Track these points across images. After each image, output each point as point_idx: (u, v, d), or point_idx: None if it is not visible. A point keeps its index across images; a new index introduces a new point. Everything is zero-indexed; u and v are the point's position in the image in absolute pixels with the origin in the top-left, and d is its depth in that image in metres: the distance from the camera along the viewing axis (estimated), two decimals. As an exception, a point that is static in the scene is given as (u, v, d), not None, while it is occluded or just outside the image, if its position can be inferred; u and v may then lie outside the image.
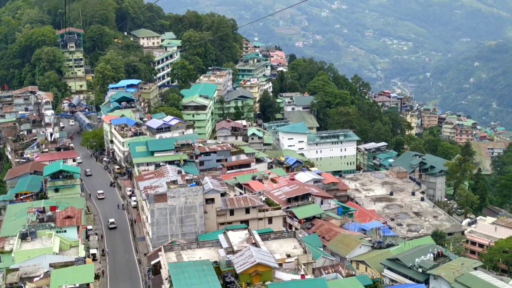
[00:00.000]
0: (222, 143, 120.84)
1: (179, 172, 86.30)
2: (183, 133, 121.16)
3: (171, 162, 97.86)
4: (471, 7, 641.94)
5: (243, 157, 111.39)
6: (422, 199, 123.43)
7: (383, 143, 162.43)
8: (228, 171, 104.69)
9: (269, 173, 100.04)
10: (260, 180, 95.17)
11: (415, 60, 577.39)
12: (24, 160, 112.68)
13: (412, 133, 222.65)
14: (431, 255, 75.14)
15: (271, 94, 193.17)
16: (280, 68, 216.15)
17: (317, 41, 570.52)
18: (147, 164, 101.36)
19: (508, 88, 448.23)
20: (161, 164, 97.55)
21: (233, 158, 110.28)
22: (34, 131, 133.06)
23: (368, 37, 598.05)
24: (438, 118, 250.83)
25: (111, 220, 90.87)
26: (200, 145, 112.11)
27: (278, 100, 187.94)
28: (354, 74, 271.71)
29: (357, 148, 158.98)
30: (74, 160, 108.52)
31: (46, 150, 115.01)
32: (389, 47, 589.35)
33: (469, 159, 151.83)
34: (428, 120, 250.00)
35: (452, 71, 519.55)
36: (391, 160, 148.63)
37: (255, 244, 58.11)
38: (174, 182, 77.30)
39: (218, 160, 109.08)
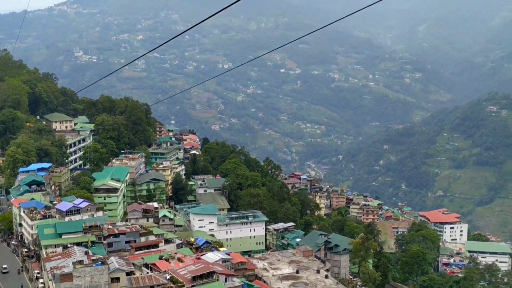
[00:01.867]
0: (131, 224, 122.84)
1: (86, 252, 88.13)
2: (93, 215, 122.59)
3: (79, 244, 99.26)
4: (379, 93, 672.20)
5: (152, 238, 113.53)
6: (326, 277, 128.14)
7: (291, 223, 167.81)
8: (137, 252, 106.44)
9: (176, 253, 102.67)
10: (167, 260, 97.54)
11: (328, 143, 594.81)
12: None
13: (321, 213, 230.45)
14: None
15: (184, 176, 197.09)
16: (193, 151, 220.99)
17: (233, 124, 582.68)
18: (55, 246, 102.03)
19: (416, 170, 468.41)
20: (69, 245, 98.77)
21: (142, 239, 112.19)
22: None
23: (282, 121, 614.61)
24: (346, 199, 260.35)
25: None
26: (109, 227, 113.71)
27: (191, 183, 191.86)
28: (266, 156, 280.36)
29: (266, 228, 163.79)
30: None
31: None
32: (303, 130, 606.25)
33: (372, 238, 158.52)
34: (337, 201, 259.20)
35: (363, 153, 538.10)
36: (298, 240, 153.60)
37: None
38: (80, 262, 79.16)
39: (127, 242, 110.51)
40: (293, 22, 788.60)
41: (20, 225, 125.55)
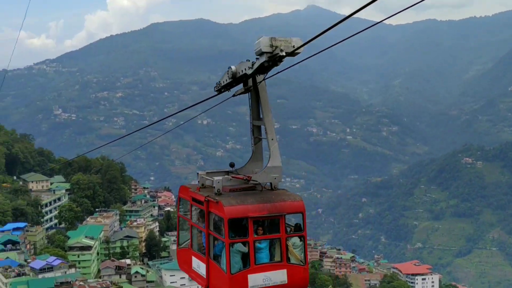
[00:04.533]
0: (102, 281, 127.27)
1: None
2: (65, 272, 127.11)
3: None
4: (357, 146, 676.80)
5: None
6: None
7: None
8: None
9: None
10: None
11: (307, 197, 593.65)
12: None
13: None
14: None
15: (158, 233, 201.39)
16: (167, 208, 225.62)
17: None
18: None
19: (394, 222, 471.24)
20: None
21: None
22: None
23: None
24: (320, 252, 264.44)
25: None
26: (81, 283, 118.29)
27: (164, 239, 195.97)
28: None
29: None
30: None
31: None
32: (282, 184, 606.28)
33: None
34: (310, 254, 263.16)
35: (342, 206, 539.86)
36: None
37: None
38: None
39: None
40: (269, 76, 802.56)
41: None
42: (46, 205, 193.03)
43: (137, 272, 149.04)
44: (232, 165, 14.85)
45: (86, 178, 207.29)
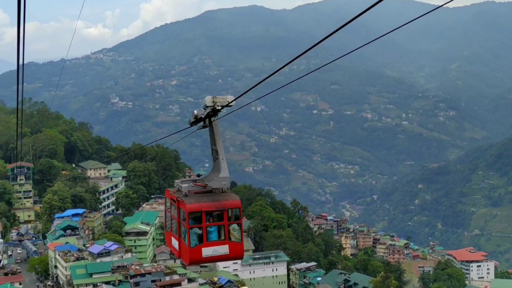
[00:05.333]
0: (157, 265, 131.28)
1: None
2: (122, 257, 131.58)
3: (107, 282, 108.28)
4: (413, 131, 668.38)
5: (175, 277, 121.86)
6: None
7: (313, 263, 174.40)
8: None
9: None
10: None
11: (362, 183, 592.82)
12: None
13: (347, 253, 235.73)
14: None
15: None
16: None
17: (267, 166, 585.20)
18: (86, 285, 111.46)
19: (451, 208, 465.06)
20: (98, 284, 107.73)
21: (167, 278, 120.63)
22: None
23: (316, 162, 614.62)
24: (373, 239, 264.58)
25: None
26: (136, 267, 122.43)
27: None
28: (293, 198, 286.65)
29: (290, 268, 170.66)
30: (20, 283, 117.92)
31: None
32: (337, 171, 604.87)
33: (391, 276, 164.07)
34: (363, 241, 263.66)
35: (398, 193, 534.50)
36: (319, 279, 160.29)
37: None
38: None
39: (153, 281, 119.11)
40: (324, 63, 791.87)
41: (56, 267, 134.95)
42: (103, 192, 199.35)
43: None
44: (198, 175, 19.84)
45: (141, 166, 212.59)
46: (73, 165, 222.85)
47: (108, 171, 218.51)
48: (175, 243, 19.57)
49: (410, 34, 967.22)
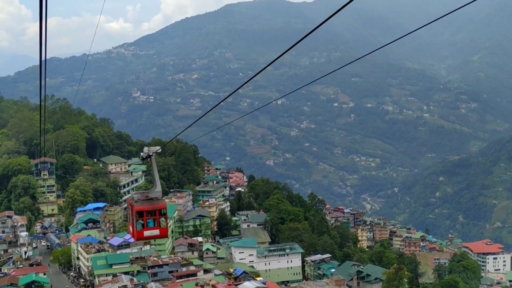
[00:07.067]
0: (174, 256, 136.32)
1: (131, 280, 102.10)
2: (141, 249, 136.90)
3: (126, 273, 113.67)
4: (434, 124, 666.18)
5: (192, 268, 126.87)
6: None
7: (328, 255, 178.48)
8: (177, 280, 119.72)
9: (210, 280, 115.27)
10: (202, 286, 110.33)
11: (383, 176, 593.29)
12: (2, 275, 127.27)
13: (363, 245, 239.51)
14: None
15: (229, 212, 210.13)
16: (238, 189, 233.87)
17: (287, 159, 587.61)
18: (106, 275, 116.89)
19: (473, 201, 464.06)
20: (117, 274, 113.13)
21: (184, 269, 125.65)
22: (10, 250, 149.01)
23: (336, 155, 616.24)
24: (390, 232, 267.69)
25: None
26: (154, 258, 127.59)
27: (235, 218, 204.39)
28: (311, 192, 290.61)
29: (305, 260, 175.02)
30: (44, 274, 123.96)
31: (21, 266, 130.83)
32: (357, 163, 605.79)
33: (404, 268, 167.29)
34: (380, 233, 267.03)
35: (419, 186, 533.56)
36: (333, 270, 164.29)
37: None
38: (125, 286, 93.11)
39: (170, 271, 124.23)
40: (345, 56, 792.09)
41: (78, 258, 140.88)
42: (124, 186, 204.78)
43: (208, 249, 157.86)
44: (146, 188, 30.43)
45: (161, 160, 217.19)
46: (95, 160, 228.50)
47: (129, 166, 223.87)
48: (131, 229, 30.33)
49: (431, 26, 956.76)
